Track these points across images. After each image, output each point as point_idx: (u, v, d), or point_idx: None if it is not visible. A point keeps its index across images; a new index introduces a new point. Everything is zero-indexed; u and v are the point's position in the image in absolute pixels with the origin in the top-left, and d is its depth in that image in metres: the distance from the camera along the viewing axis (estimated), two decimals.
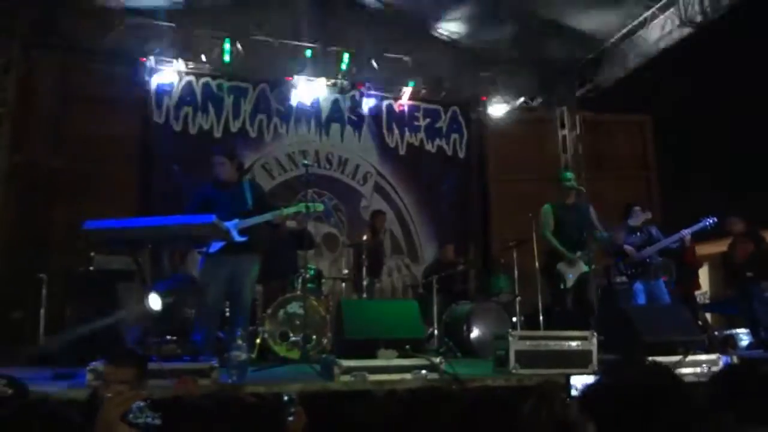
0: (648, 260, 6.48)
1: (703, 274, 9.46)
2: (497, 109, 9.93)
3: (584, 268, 5.31)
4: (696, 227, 6.24)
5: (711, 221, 6.20)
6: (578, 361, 4.22)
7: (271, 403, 3.62)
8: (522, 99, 10.12)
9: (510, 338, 4.18)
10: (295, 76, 8.83)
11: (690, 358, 4.18)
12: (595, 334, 4.27)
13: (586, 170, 9.63)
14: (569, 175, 5.72)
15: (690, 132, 9.22)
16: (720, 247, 7.88)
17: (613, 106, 9.95)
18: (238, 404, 3.60)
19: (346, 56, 8.93)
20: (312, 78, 9.01)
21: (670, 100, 9.26)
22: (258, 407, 3.73)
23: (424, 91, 9.56)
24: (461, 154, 9.71)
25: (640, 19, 8.45)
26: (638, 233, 6.33)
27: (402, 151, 9.48)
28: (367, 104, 9.26)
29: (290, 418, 2.71)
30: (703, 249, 8.48)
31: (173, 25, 8.55)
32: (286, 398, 2.80)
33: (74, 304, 5.99)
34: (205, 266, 5.04)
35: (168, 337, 3.91)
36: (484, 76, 9.90)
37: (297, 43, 8.98)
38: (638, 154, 10.01)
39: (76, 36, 8.16)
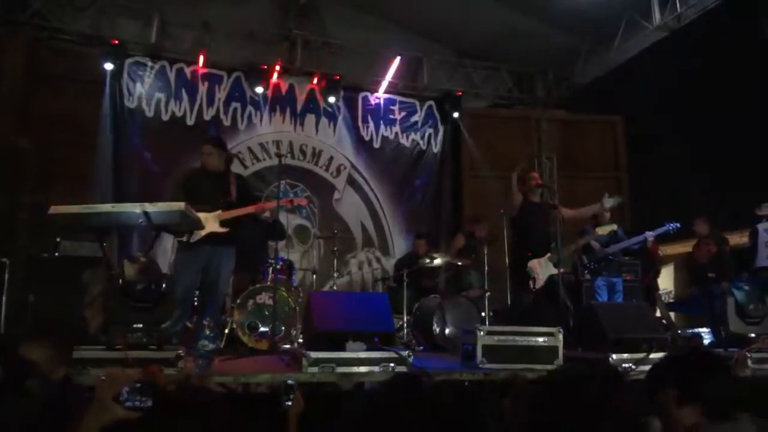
0: (611, 257, 6.66)
1: (668, 274, 9.64)
2: (473, 105, 9.99)
3: (553, 269, 5.34)
4: (659, 231, 6.43)
5: (674, 226, 6.37)
6: (545, 356, 4.28)
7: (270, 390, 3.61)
8: (498, 96, 10.21)
9: (478, 333, 4.21)
10: (271, 66, 8.75)
11: (653, 355, 4.26)
12: (561, 330, 4.33)
13: (559, 169, 9.75)
14: (533, 174, 5.76)
15: (661, 133, 9.39)
16: (685, 247, 8.05)
17: (586, 106, 10.07)
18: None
19: (323, 47, 8.89)
20: (288, 67, 8.96)
21: (643, 101, 9.41)
22: (257, 395, 3.72)
23: (400, 85, 9.56)
24: (436, 149, 9.74)
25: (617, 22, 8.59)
26: None
27: (377, 144, 9.47)
28: (343, 96, 9.22)
29: (288, 403, 2.73)
30: (669, 249, 8.64)
31: (148, 7, 8.42)
32: (286, 384, 2.83)
33: (38, 290, 5.87)
34: (180, 254, 4.98)
35: (134, 324, 3.85)
36: (461, 72, 9.96)
37: (274, 31, 8.93)
38: (610, 153, 10.15)
39: (47, 14, 7.98)
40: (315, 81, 9.10)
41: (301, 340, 5.45)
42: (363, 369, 3.90)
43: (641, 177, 9.76)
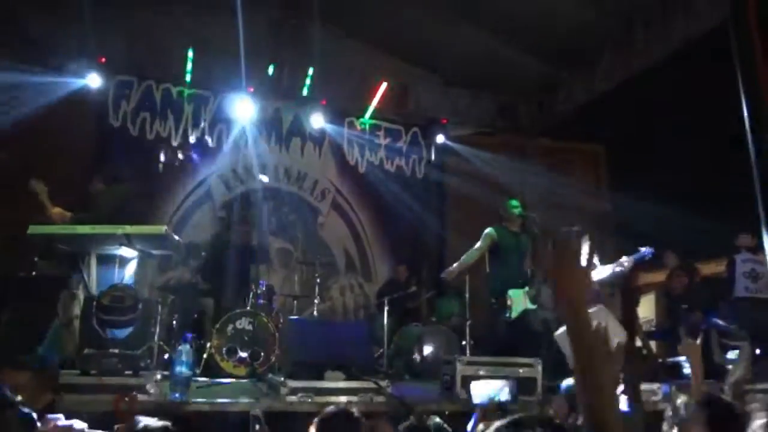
0: None
1: (649, 303, 9.72)
2: (458, 132, 10.07)
3: (530, 304, 5.32)
4: (635, 257, 6.47)
5: (649, 251, 6.42)
6: (524, 387, 4.28)
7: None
8: (482, 123, 10.31)
9: (457, 363, 4.21)
10: (258, 88, 8.77)
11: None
12: (540, 361, 4.34)
13: (541, 197, 9.81)
14: (515, 202, 5.79)
15: (642, 162, 9.56)
16: (664, 276, 8.12)
17: (569, 134, 10.20)
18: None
19: (309, 71, 8.94)
20: (275, 90, 8.98)
21: (625, 130, 9.59)
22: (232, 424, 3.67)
23: (386, 111, 9.62)
24: (420, 175, 9.77)
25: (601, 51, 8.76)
26: None
27: (361, 169, 9.48)
28: (329, 120, 9.26)
29: None
30: (650, 278, 8.71)
31: (136, 26, 8.43)
32: (252, 415, 2.75)
33: (12, 309, 5.76)
34: None
35: (110, 349, 3.80)
36: (446, 99, 10.06)
37: (262, 54, 8.96)
38: (592, 182, 10.26)
39: (34, 29, 7.95)
40: (301, 105, 9.14)
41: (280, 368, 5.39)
42: (342, 398, 3.88)
43: (623, 206, 9.87)
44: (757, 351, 5.36)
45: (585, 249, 6.18)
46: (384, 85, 9.35)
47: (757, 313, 6.81)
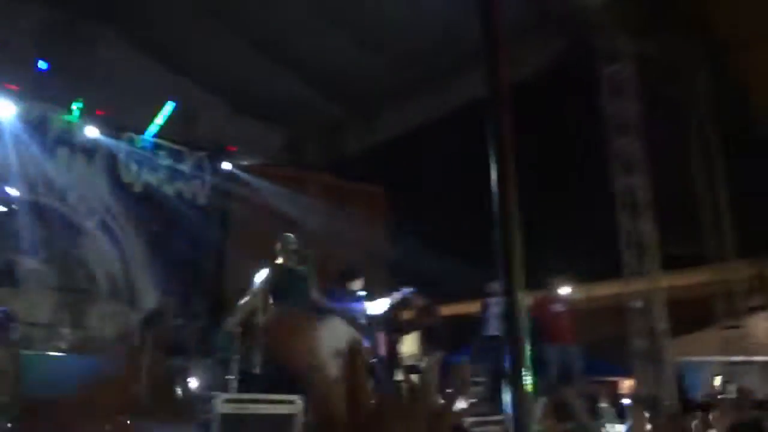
0: None
1: (414, 339, 10.36)
2: (245, 161, 9.96)
3: None
4: (397, 295, 6.96)
5: (410, 291, 6.95)
6: (283, 425, 4.25)
7: None
8: (270, 155, 10.34)
9: (215, 401, 4.06)
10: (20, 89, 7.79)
11: None
12: (303, 398, 4.36)
13: (322, 234, 10.05)
14: (292, 237, 5.87)
15: (417, 208, 10.28)
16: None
17: (354, 174, 10.65)
18: None
19: (86, 77, 8.18)
20: (42, 94, 8.04)
21: (407, 175, 10.28)
22: None
23: (171, 132, 9.15)
24: (202, 202, 9.40)
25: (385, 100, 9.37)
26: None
27: (137, 189, 8.83)
28: (105, 133, 8.51)
29: None
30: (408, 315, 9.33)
31: None
32: None
33: None
34: None
35: None
36: (235, 127, 9.91)
37: (27, 50, 8.02)
38: (370, 221, 10.76)
39: None
40: (72, 113, 8.28)
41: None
42: None
43: (397, 246, 10.49)
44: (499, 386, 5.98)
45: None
46: (170, 105, 8.91)
47: (502, 351, 7.64)
